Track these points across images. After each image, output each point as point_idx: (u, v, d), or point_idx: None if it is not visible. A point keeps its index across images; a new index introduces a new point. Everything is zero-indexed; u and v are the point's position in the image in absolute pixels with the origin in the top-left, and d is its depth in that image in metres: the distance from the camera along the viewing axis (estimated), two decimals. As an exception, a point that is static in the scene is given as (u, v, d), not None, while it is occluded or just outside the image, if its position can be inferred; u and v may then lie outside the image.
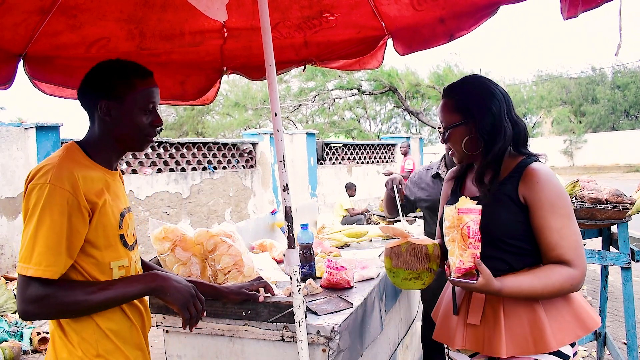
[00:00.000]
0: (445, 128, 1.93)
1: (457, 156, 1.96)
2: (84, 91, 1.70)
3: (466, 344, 1.87)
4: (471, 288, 1.71)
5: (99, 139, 1.69)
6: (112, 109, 1.66)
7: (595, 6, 1.71)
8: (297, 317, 1.85)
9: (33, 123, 7.27)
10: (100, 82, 1.67)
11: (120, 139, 1.70)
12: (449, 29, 2.35)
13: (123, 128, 1.68)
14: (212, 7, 2.01)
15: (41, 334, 5.56)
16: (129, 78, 1.68)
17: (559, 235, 1.73)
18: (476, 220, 1.67)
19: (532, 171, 1.79)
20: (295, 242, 1.95)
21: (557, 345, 1.73)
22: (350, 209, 10.58)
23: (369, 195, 14.08)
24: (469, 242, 1.66)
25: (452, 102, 1.92)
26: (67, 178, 1.51)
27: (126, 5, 2.29)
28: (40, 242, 1.46)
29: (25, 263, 1.46)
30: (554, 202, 1.75)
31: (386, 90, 24.05)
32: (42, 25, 2.17)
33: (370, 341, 2.32)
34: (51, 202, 1.47)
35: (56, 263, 1.47)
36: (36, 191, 1.49)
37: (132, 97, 1.67)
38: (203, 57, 2.82)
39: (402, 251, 1.89)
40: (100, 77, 1.68)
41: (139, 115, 1.69)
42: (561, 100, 38.67)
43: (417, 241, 1.89)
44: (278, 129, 1.95)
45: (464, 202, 1.72)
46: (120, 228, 1.68)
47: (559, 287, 1.71)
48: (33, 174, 1.53)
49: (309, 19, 2.57)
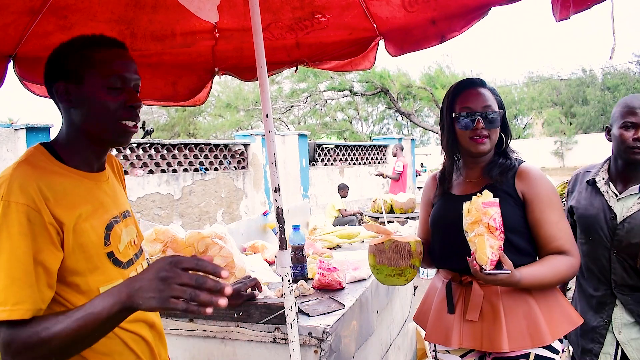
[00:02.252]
0: (496, 112, 1.96)
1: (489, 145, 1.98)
2: (45, 77, 1.41)
3: (464, 342, 1.90)
4: (502, 280, 1.72)
5: (69, 135, 1.40)
6: (71, 92, 1.36)
7: (586, 8, 1.72)
8: (288, 319, 1.85)
9: (23, 124, 7.24)
10: (55, 61, 1.38)
11: (89, 129, 1.38)
12: (441, 30, 2.36)
13: (87, 112, 1.36)
14: (203, 8, 2.00)
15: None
16: (86, 49, 1.37)
17: (557, 228, 1.87)
18: (499, 213, 1.73)
19: (527, 169, 1.95)
20: (287, 244, 1.95)
21: (551, 338, 1.81)
22: (342, 210, 10.58)
23: (360, 197, 14.09)
24: (497, 235, 1.70)
25: (490, 94, 1.99)
26: (24, 189, 1.21)
27: (117, 6, 2.28)
28: (1, 275, 1.15)
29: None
30: (551, 197, 1.90)
31: (378, 92, 24.06)
32: (32, 26, 2.15)
33: (362, 342, 2.32)
34: (7, 222, 1.17)
35: (26, 298, 1.16)
36: None
37: (93, 72, 1.35)
38: (194, 58, 2.82)
39: (386, 248, 1.94)
40: (56, 55, 1.39)
41: (105, 95, 1.36)
42: (552, 102, 38.86)
43: (400, 238, 1.94)
44: (270, 130, 1.95)
45: (487, 195, 1.77)
46: (107, 244, 1.37)
47: (564, 275, 1.86)
48: None
49: (301, 20, 2.57)
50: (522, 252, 1.89)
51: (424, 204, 2.25)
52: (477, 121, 1.92)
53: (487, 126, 1.93)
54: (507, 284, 1.76)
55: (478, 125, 1.92)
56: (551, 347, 1.84)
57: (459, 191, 2.04)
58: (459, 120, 1.96)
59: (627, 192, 2.21)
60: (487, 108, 1.94)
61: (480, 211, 1.72)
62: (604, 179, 2.32)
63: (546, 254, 1.88)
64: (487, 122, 1.93)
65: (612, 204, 2.23)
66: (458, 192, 2.04)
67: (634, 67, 37.41)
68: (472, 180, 2.03)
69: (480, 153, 1.98)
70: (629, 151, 2.17)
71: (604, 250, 2.24)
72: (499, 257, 1.70)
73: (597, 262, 2.28)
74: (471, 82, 2.02)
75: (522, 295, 1.84)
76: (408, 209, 7.72)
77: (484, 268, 1.69)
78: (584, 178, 2.43)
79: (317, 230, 3.93)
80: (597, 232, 2.26)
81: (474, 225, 1.74)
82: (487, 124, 1.93)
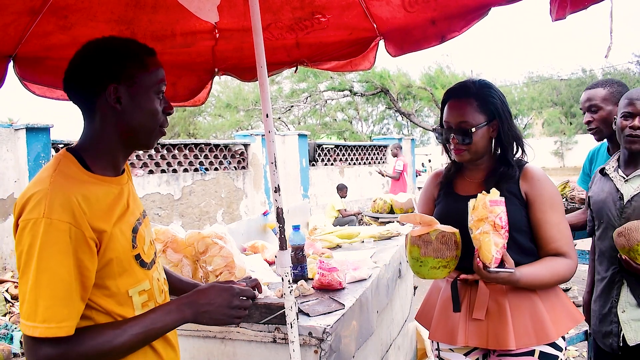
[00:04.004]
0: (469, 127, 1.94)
1: (468, 156, 1.99)
2: (79, 79, 1.39)
3: (469, 340, 1.92)
4: (503, 278, 1.75)
5: (101, 139, 1.39)
6: (122, 94, 1.37)
7: (583, 8, 1.72)
8: (289, 319, 1.85)
9: (23, 124, 7.24)
10: (104, 64, 1.37)
11: (132, 132, 1.40)
12: (440, 30, 2.36)
13: (136, 117, 1.39)
14: (203, 8, 2.00)
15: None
16: (139, 55, 1.41)
17: (557, 230, 1.89)
18: (505, 211, 1.74)
19: (532, 170, 1.96)
20: (287, 244, 1.95)
21: (556, 335, 1.85)
22: (342, 210, 10.59)
23: (360, 197, 14.09)
24: (502, 233, 1.72)
25: (475, 103, 1.96)
26: (65, 206, 1.21)
27: (117, 6, 2.28)
28: (44, 294, 1.18)
29: (29, 321, 1.17)
30: (553, 198, 1.92)
31: (378, 92, 24.06)
32: (32, 26, 2.15)
33: (362, 342, 2.32)
34: (49, 241, 1.18)
35: (70, 316, 1.20)
36: (29, 230, 1.19)
37: (146, 78, 1.40)
38: (194, 58, 2.82)
39: (432, 239, 1.81)
40: (102, 58, 1.38)
41: (154, 100, 1.42)
42: (552, 102, 38.87)
43: (444, 228, 1.83)
44: (270, 130, 1.94)
45: (494, 194, 1.77)
46: (135, 247, 1.40)
47: (562, 276, 1.88)
48: (22, 205, 1.24)
49: (301, 20, 2.57)
50: (526, 251, 1.91)
51: (425, 201, 2.24)
52: (452, 137, 1.97)
53: (461, 142, 1.95)
54: (507, 283, 1.80)
55: (453, 141, 1.97)
56: (555, 344, 1.87)
57: (464, 191, 2.05)
58: (440, 132, 2.03)
59: (633, 174, 2.31)
60: (462, 124, 1.94)
61: (486, 209, 1.73)
62: (613, 167, 2.43)
63: (545, 255, 1.91)
64: (460, 139, 1.95)
65: (620, 186, 2.33)
66: (462, 192, 2.05)
67: (634, 67, 37.41)
68: (476, 181, 2.05)
69: (463, 162, 2.04)
70: (626, 139, 2.28)
71: (612, 230, 2.29)
72: (502, 255, 1.72)
73: (607, 242, 2.34)
74: (457, 91, 2.02)
75: (528, 294, 1.87)
76: (408, 209, 7.72)
77: (487, 266, 1.70)
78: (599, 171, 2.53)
79: (317, 230, 3.92)
80: (607, 214, 2.35)
81: (479, 222, 1.74)
82: (461, 140, 1.95)
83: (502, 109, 1.97)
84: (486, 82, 2.04)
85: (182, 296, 1.47)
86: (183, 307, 1.41)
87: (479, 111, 1.95)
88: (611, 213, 2.32)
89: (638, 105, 2.25)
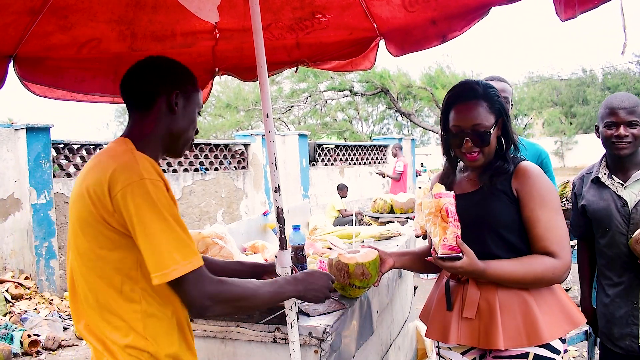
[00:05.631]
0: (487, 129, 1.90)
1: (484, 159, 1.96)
2: (148, 78, 1.63)
3: (461, 339, 1.92)
4: (456, 267, 1.78)
5: (152, 134, 1.61)
6: (179, 101, 1.63)
7: (593, 7, 1.69)
8: (289, 319, 1.85)
9: (23, 124, 7.22)
10: (174, 74, 1.65)
11: (176, 134, 1.64)
12: (441, 30, 2.36)
13: (183, 123, 1.65)
14: (203, 8, 2.01)
15: (32, 336, 5.53)
16: (193, 77, 1.71)
17: (546, 228, 1.85)
18: (452, 203, 1.80)
19: (525, 167, 1.92)
20: (287, 244, 1.95)
21: (549, 337, 1.81)
22: (343, 210, 10.58)
23: (360, 197, 14.08)
24: (450, 221, 1.77)
25: (485, 104, 1.92)
26: (153, 167, 1.45)
27: (117, 6, 2.28)
28: (173, 238, 1.39)
29: (174, 265, 1.37)
30: (543, 195, 1.87)
31: (378, 92, 24.06)
32: (33, 26, 2.15)
33: (362, 342, 2.32)
34: (157, 196, 1.40)
35: (195, 251, 1.44)
36: (134, 192, 1.38)
37: (195, 95, 1.69)
38: (195, 58, 2.82)
39: (332, 264, 2.15)
40: (173, 69, 1.67)
41: (195, 115, 1.71)
42: (552, 102, 38.86)
43: (345, 259, 2.10)
44: (270, 130, 1.95)
45: (439, 187, 1.86)
46: None
47: (540, 275, 1.83)
48: (114, 178, 1.41)
49: (301, 20, 2.57)
50: (514, 248, 1.89)
51: None
52: (466, 141, 1.91)
53: (477, 145, 1.91)
54: (470, 273, 1.82)
55: (467, 145, 1.92)
56: (551, 347, 1.83)
57: (460, 190, 2.05)
58: (449, 137, 1.99)
59: (631, 179, 2.35)
60: (477, 126, 1.90)
61: (433, 202, 1.81)
62: (605, 174, 2.45)
63: (535, 253, 1.88)
64: (476, 141, 1.91)
65: (621, 193, 2.36)
66: (459, 190, 2.05)
67: (634, 67, 37.42)
68: (471, 180, 2.04)
69: (474, 167, 2.00)
70: (613, 147, 2.36)
71: (621, 237, 2.34)
72: (456, 243, 1.75)
73: (617, 250, 2.38)
74: (464, 94, 1.96)
75: (520, 294, 1.85)
76: (408, 209, 7.70)
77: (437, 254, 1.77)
78: (587, 178, 2.56)
79: (317, 230, 3.92)
80: (613, 222, 2.37)
81: (430, 215, 1.83)
82: (476, 143, 1.91)
83: (505, 107, 1.96)
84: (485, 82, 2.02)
85: (294, 275, 1.79)
86: (298, 283, 1.72)
87: (490, 112, 1.92)
88: (617, 220, 2.34)
89: (621, 115, 2.31)
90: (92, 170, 1.49)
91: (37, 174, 7.25)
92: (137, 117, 1.63)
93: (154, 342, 1.49)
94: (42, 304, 6.78)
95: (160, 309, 1.51)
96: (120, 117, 35.66)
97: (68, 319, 6.49)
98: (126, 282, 1.47)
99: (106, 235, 1.45)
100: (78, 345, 5.80)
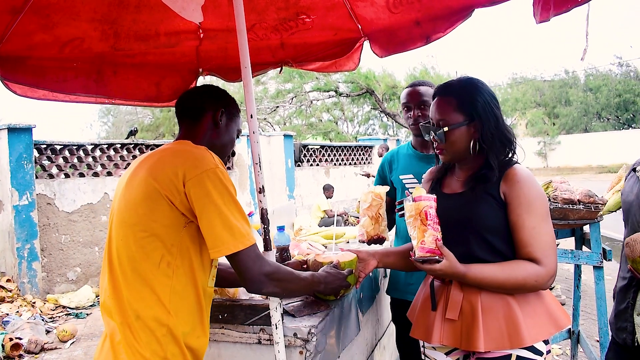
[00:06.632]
0: (444, 126, 1.91)
1: (448, 156, 1.98)
2: (204, 97, 1.91)
3: (444, 340, 1.91)
4: (436, 269, 1.79)
5: (200, 142, 1.84)
6: (223, 119, 1.91)
7: (566, 10, 1.73)
8: (273, 320, 1.85)
9: (5, 124, 7.13)
10: (223, 96, 1.95)
11: (217, 147, 1.89)
12: (425, 31, 2.37)
13: (223, 138, 1.93)
14: (187, 8, 1.99)
15: (14, 340, 5.46)
16: (236, 103, 2.00)
17: (531, 234, 1.82)
18: (432, 206, 1.83)
19: (514, 171, 1.88)
20: (271, 245, 1.95)
21: (531, 340, 1.80)
22: (328, 210, 10.59)
23: (346, 197, 14.11)
24: (429, 224, 1.79)
25: (453, 101, 1.93)
26: (219, 161, 1.71)
27: (100, 5, 2.26)
28: (238, 217, 1.64)
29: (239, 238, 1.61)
30: (530, 201, 1.84)
31: (363, 92, 24.13)
32: (14, 25, 2.13)
33: (347, 343, 2.32)
34: (226, 181, 1.65)
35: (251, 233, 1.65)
36: (210, 177, 1.62)
37: (237, 118, 1.98)
38: (179, 58, 2.80)
39: (310, 264, 2.27)
40: (221, 93, 1.96)
41: (234, 134, 1.98)
42: (535, 103, 39.27)
43: (321, 259, 2.23)
44: (254, 131, 1.95)
45: (419, 191, 1.87)
46: None
47: (522, 281, 1.80)
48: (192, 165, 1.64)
49: (286, 21, 2.57)
50: (498, 253, 1.87)
51: None
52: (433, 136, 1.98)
53: (438, 141, 1.96)
54: (450, 276, 1.83)
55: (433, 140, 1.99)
56: (534, 349, 1.82)
57: (449, 189, 2.05)
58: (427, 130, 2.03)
59: None
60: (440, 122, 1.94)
61: (413, 206, 1.83)
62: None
63: (519, 259, 1.84)
64: (437, 137, 1.95)
65: None
66: (448, 190, 2.05)
67: (616, 69, 37.95)
68: (460, 180, 2.04)
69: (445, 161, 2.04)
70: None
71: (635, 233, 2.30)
72: (435, 246, 1.77)
73: None
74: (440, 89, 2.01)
75: (503, 297, 1.83)
76: (393, 210, 7.72)
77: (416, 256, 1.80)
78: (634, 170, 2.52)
79: (302, 230, 3.92)
80: (634, 215, 2.33)
81: (411, 218, 1.85)
82: (438, 139, 1.96)
83: (486, 109, 1.90)
84: (473, 80, 1.98)
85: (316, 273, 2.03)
86: (320, 279, 1.98)
87: (457, 110, 1.91)
88: (636, 218, 2.30)
89: None
90: (159, 162, 1.70)
91: (19, 175, 7.17)
92: (189, 126, 1.90)
93: (175, 316, 1.64)
94: (24, 306, 6.69)
95: (185, 288, 1.68)
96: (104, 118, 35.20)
97: (51, 322, 6.42)
98: (165, 256, 1.64)
99: (162, 210, 1.64)
100: (61, 348, 5.73)
